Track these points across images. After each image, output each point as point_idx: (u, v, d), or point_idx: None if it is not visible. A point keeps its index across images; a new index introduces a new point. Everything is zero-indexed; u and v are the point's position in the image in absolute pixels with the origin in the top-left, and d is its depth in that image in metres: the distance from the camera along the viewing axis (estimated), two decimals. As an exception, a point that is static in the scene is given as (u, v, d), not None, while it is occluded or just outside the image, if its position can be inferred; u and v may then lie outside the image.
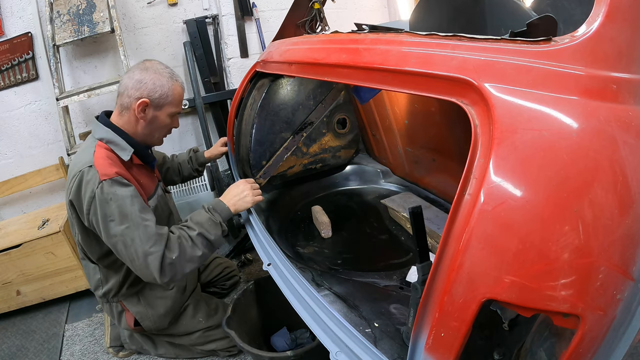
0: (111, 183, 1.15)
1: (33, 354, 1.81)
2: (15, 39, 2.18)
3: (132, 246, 1.13)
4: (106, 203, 1.14)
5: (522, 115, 0.60)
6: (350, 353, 0.85)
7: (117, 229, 1.14)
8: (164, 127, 1.35)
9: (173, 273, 1.17)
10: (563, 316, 0.55)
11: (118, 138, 1.26)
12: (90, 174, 1.16)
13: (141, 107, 1.25)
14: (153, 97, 1.25)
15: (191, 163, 1.75)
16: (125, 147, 1.27)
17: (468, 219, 0.57)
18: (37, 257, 1.97)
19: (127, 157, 1.26)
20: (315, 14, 1.70)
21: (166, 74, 1.28)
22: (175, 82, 1.30)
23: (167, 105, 1.29)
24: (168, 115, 1.31)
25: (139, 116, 1.26)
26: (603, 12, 0.63)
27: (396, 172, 1.95)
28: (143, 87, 1.24)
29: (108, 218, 1.15)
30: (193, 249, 1.20)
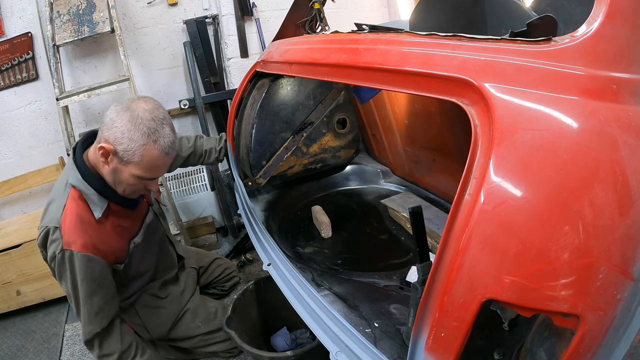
0: (70, 256, 1.12)
1: (33, 354, 1.81)
2: (15, 39, 2.18)
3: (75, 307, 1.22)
4: (63, 270, 1.15)
5: (522, 115, 0.60)
6: (350, 353, 0.85)
7: (67, 290, 1.19)
8: (130, 186, 1.15)
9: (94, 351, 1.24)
10: (563, 316, 0.55)
11: (91, 191, 1.14)
12: (55, 235, 1.12)
13: (102, 152, 1.08)
14: (118, 148, 1.06)
15: (219, 153, 1.66)
16: (97, 202, 1.16)
17: (468, 219, 0.58)
18: (37, 257, 1.96)
19: (98, 214, 1.16)
20: (315, 14, 1.70)
21: (145, 128, 1.05)
22: (151, 143, 1.07)
23: (132, 164, 1.09)
24: (131, 175, 1.11)
25: (102, 160, 1.11)
26: (603, 12, 0.63)
27: (396, 172, 1.95)
28: (113, 129, 1.06)
29: (62, 279, 1.18)
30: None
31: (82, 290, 1.17)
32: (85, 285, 1.16)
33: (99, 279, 1.19)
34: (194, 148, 1.62)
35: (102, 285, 1.20)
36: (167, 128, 1.11)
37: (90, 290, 1.18)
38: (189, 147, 1.61)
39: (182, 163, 1.62)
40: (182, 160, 1.62)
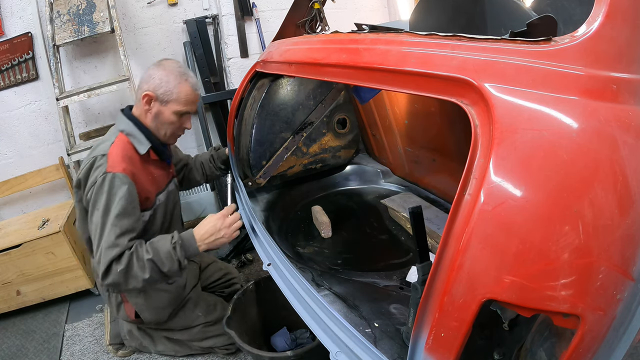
0: (112, 177, 1.22)
1: (33, 354, 1.81)
2: (15, 39, 2.18)
3: (99, 240, 1.21)
4: (100, 194, 1.22)
5: (522, 115, 0.60)
6: (350, 353, 0.85)
7: (97, 218, 1.22)
8: (170, 125, 1.38)
9: (114, 282, 1.20)
10: (563, 316, 0.55)
11: (137, 131, 1.34)
12: (101, 161, 1.26)
13: (145, 100, 1.32)
14: (158, 92, 1.32)
15: (213, 162, 1.74)
16: (143, 141, 1.34)
17: (468, 219, 0.57)
18: (37, 257, 1.97)
19: (143, 150, 1.33)
20: (315, 14, 1.70)
21: (176, 72, 1.32)
22: (183, 81, 1.33)
23: (172, 102, 1.33)
24: (173, 112, 1.35)
25: (145, 108, 1.34)
26: (603, 12, 0.63)
27: (396, 172, 1.95)
28: (151, 81, 1.32)
29: (96, 206, 1.23)
30: (140, 270, 1.20)
31: (114, 211, 1.21)
32: (119, 206, 1.21)
33: (133, 203, 1.26)
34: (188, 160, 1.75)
35: (133, 211, 1.26)
36: (191, 73, 1.39)
37: (123, 210, 1.22)
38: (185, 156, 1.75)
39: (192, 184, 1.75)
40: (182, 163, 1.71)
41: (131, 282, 1.21)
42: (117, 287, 1.23)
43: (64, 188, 2.42)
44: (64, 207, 2.24)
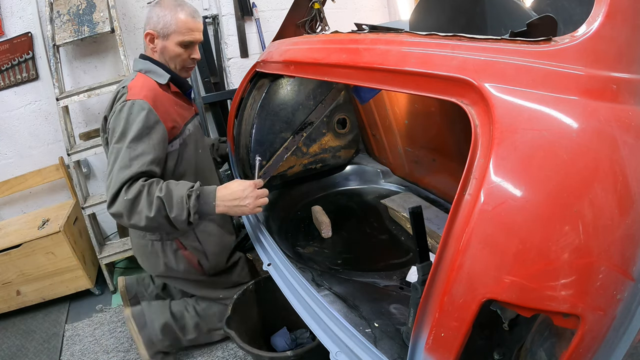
0: (132, 104, 1.24)
1: (33, 354, 1.81)
2: (15, 39, 2.18)
3: (112, 165, 1.19)
4: (118, 120, 1.23)
5: (522, 115, 0.60)
6: (350, 353, 0.85)
7: (113, 144, 1.22)
8: (178, 57, 1.39)
9: (117, 212, 1.15)
10: (563, 316, 0.55)
11: (154, 66, 1.37)
12: (123, 92, 1.30)
13: (148, 38, 1.36)
14: (157, 28, 1.34)
15: (212, 150, 1.74)
16: (161, 73, 1.37)
17: (468, 219, 0.58)
18: (37, 257, 1.97)
19: (164, 80, 1.36)
20: (315, 14, 1.70)
21: (172, 4, 1.34)
22: (180, 11, 1.34)
23: (173, 34, 1.35)
24: (176, 44, 1.36)
25: (150, 47, 1.38)
26: (603, 12, 0.63)
27: (396, 172, 1.95)
28: (149, 21, 1.35)
29: (113, 134, 1.23)
30: (146, 206, 1.13)
31: (130, 135, 1.20)
32: (136, 129, 1.20)
33: (151, 127, 1.24)
34: None
35: (151, 136, 1.23)
36: (188, 3, 1.39)
37: (140, 133, 1.20)
38: None
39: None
40: None
41: (134, 217, 1.14)
42: (119, 217, 1.16)
43: (64, 188, 2.42)
44: (64, 207, 2.24)
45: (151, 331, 1.53)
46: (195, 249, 1.46)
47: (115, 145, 1.21)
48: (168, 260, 1.45)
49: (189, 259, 1.46)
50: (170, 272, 1.48)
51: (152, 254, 1.45)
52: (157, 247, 1.44)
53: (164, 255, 1.44)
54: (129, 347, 1.74)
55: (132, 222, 1.16)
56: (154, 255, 1.45)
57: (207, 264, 1.48)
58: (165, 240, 1.43)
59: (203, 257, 1.47)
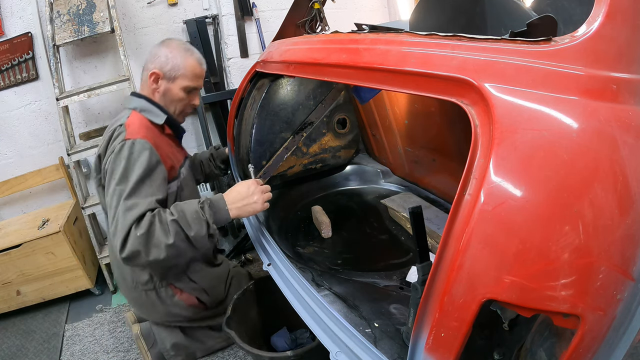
0: (132, 144, 1.18)
1: (33, 354, 1.81)
2: (15, 39, 2.18)
3: (115, 208, 1.11)
4: (119, 160, 1.17)
5: (522, 115, 0.60)
6: (350, 353, 0.85)
7: (113, 187, 1.15)
8: (180, 101, 1.38)
9: (133, 251, 1.06)
10: (563, 316, 0.55)
11: (151, 106, 1.33)
12: (120, 130, 1.24)
13: (153, 78, 1.33)
14: (164, 69, 1.32)
15: (213, 160, 1.73)
16: (158, 113, 1.34)
17: (468, 219, 0.57)
18: (37, 257, 1.97)
19: (160, 120, 1.32)
20: (315, 14, 1.70)
21: (181, 48, 1.34)
22: (189, 56, 1.34)
23: (180, 78, 1.34)
24: (181, 88, 1.35)
25: (152, 87, 1.34)
26: (603, 12, 0.63)
27: (396, 172, 1.95)
28: (157, 60, 1.32)
29: (113, 175, 1.17)
30: (163, 235, 1.07)
31: (133, 177, 1.14)
32: (139, 171, 1.15)
33: (154, 168, 1.19)
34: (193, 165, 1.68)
35: (153, 177, 1.18)
36: (195, 49, 1.40)
37: (144, 175, 1.16)
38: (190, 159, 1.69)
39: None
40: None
41: (153, 251, 1.06)
42: (136, 257, 1.07)
43: (64, 188, 2.42)
44: (64, 207, 2.24)
45: (161, 348, 1.50)
46: (192, 289, 1.42)
47: (117, 187, 1.14)
48: (167, 308, 1.41)
49: (188, 301, 1.42)
50: (173, 317, 1.45)
51: (149, 304, 1.40)
52: (153, 297, 1.38)
53: (162, 303, 1.40)
54: (128, 347, 1.74)
55: (152, 258, 1.07)
56: (151, 305, 1.40)
57: (209, 299, 1.46)
58: (159, 288, 1.38)
59: (202, 293, 1.44)
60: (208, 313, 1.51)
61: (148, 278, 1.37)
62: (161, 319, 1.46)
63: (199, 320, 1.51)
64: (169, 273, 1.38)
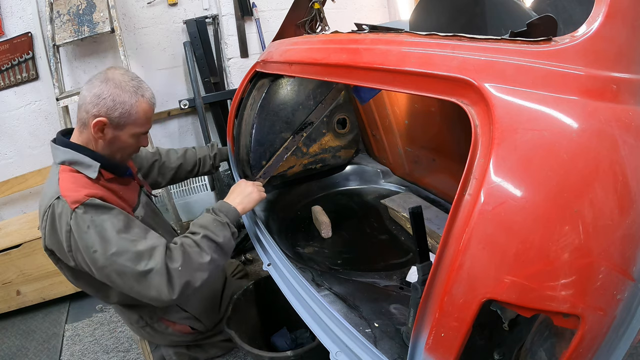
0: (84, 209, 1.02)
1: (33, 354, 1.82)
2: (15, 39, 2.18)
3: (126, 273, 1.01)
4: (84, 233, 1.01)
5: (522, 115, 0.60)
6: (350, 353, 0.85)
7: (103, 259, 1.01)
8: (128, 148, 1.19)
9: (183, 286, 1.03)
10: (563, 316, 0.55)
11: (80, 156, 1.11)
12: (59, 206, 1.03)
13: (98, 127, 1.09)
14: (112, 116, 1.09)
15: (214, 159, 1.69)
16: (90, 163, 1.11)
17: (468, 219, 0.57)
18: (37, 257, 1.97)
19: (94, 174, 1.10)
20: (315, 14, 1.70)
21: (130, 88, 1.11)
22: (140, 98, 1.13)
23: (130, 125, 1.13)
24: (131, 135, 1.16)
25: (97, 136, 1.12)
26: (603, 12, 0.63)
27: (396, 172, 1.95)
28: (101, 103, 1.08)
29: (91, 250, 1.01)
30: (200, 255, 1.07)
31: (113, 235, 1.01)
32: (115, 225, 1.02)
33: (124, 214, 1.07)
34: (184, 159, 1.65)
35: (131, 219, 1.08)
36: (144, 83, 1.18)
37: (123, 225, 1.04)
38: (178, 158, 1.64)
39: (172, 175, 1.64)
40: (172, 171, 1.64)
41: (198, 276, 1.05)
42: (187, 289, 1.04)
43: (64, 188, 2.42)
44: (64, 207, 2.24)
45: (165, 353, 1.51)
46: (184, 319, 1.39)
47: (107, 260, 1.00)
48: (165, 337, 1.42)
49: (183, 331, 1.42)
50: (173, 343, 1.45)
51: (147, 335, 1.42)
52: (149, 331, 1.39)
53: (159, 335, 1.41)
54: (128, 347, 1.74)
55: (199, 283, 1.07)
56: (151, 335, 1.42)
57: (202, 325, 1.43)
58: (151, 324, 1.37)
59: (195, 322, 1.42)
60: (208, 334, 1.51)
61: (138, 317, 1.35)
62: (164, 344, 1.48)
63: (200, 340, 1.51)
64: (156, 309, 1.33)
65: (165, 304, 1.05)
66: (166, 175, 1.63)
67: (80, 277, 1.20)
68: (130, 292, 1.05)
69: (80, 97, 1.13)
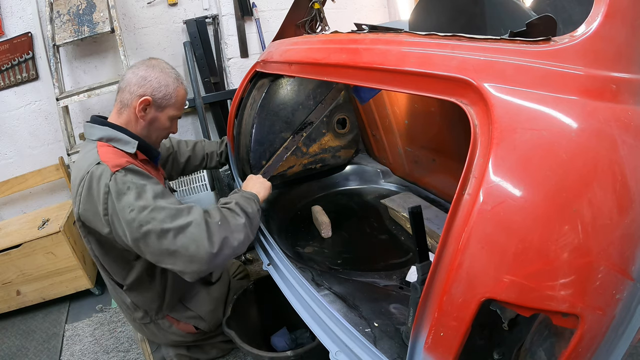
0: (125, 172, 1.06)
1: (33, 354, 1.82)
2: (15, 39, 2.18)
3: (164, 230, 1.00)
4: (123, 194, 1.03)
5: (522, 115, 0.60)
6: (350, 353, 0.85)
7: (141, 218, 1.01)
8: (163, 130, 1.29)
9: (222, 241, 1.04)
10: (562, 316, 0.55)
11: (119, 133, 1.18)
12: (99, 169, 1.06)
13: (142, 106, 1.19)
14: (156, 97, 1.20)
15: (220, 156, 1.71)
16: (128, 140, 1.18)
17: (467, 218, 0.58)
18: (37, 257, 1.97)
19: (132, 149, 1.17)
20: (315, 14, 1.70)
21: (172, 74, 1.24)
22: (180, 85, 1.26)
23: (169, 107, 1.24)
24: (168, 118, 1.26)
25: (139, 115, 1.20)
26: (602, 12, 0.63)
27: (396, 172, 1.95)
28: (147, 84, 1.18)
29: (128, 209, 1.02)
30: (235, 218, 1.11)
31: (152, 196, 1.04)
32: (155, 188, 1.06)
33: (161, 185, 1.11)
34: (193, 152, 1.67)
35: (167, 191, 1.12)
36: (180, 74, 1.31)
37: (161, 191, 1.07)
38: (188, 151, 1.66)
39: (182, 168, 1.66)
40: (182, 164, 1.66)
41: (235, 235, 1.08)
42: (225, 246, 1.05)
43: (64, 188, 2.43)
44: (64, 207, 2.24)
45: (165, 354, 1.52)
46: (189, 317, 1.40)
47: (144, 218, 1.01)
48: (168, 336, 1.42)
49: (186, 330, 1.42)
50: (175, 343, 1.45)
51: (150, 333, 1.43)
52: (152, 328, 1.40)
53: (162, 332, 1.41)
54: (128, 347, 1.74)
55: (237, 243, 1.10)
56: (154, 334, 1.42)
57: (206, 325, 1.43)
58: (155, 320, 1.38)
59: (199, 321, 1.42)
60: (211, 334, 1.51)
61: (143, 314, 1.36)
62: (165, 343, 1.48)
63: (201, 341, 1.51)
64: (162, 305, 1.35)
65: (203, 264, 1.03)
66: (177, 168, 1.67)
67: (109, 250, 1.19)
68: (164, 256, 1.03)
69: (123, 80, 1.21)
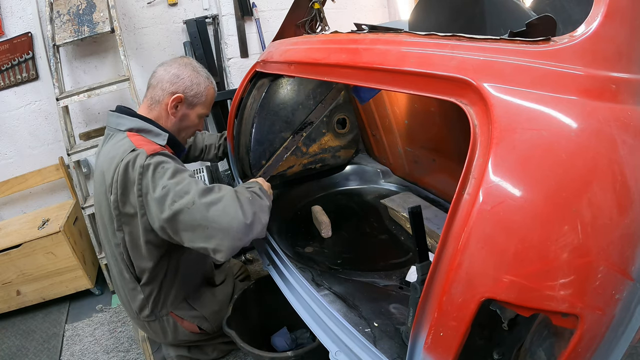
0: (160, 156, 1.10)
1: (33, 354, 1.82)
2: (15, 39, 2.18)
3: (196, 204, 1.03)
4: (157, 172, 1.07)
5: (521, 115, 0.60)
6: (350, 353, 0.85)
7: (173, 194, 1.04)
8: (192, 127, 1.33)
9: (254, 215, 1.07)
10: (562, 316, 0.55)
11: (150, 126, 1.21)
12: (134, 154, 1.09)
13: (174, 103, 1.23)
14: (188, 94, 1.24)
15: (218, 149, 1.73)
16: (159, 132, 1.21)
17: (467, 218, 0.58)
18: (37, 257, 1.98)
19: (163, 141, 1.20)
20: (315, 14, 1.70)
21: (204, 73, 1.29)
22: (210, 84, 1.30)
23: (199, 105, 1.29)
24: (198, 115, 1.30)
25: (170, 111, 1.24)
26: (602, 12, 0.63)
27: (396, 172, 1.95)
28: (180, 82, 1.23)
29: (161, 187, 1.05)
30: (262, 198, 1.16)
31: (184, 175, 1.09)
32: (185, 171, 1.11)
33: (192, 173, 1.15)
34: (194, 142, 1.70)
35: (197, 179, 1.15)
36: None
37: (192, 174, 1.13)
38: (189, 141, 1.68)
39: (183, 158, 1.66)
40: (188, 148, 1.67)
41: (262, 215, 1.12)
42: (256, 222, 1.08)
43: (64, 188, 2.43)
44: (64, 207, 2.24)
45: (165, 354, 1.52)
46: (193, 317, 1.40)
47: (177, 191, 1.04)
48: (172, 334, 1.41)
49: (190, 329, 1.42)
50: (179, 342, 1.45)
51: (154, 331, 1.42)
52: (157, 326, 1.39)
53: (167, 331, 1.40)
54: (128, 347, 1.74)
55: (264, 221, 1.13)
56: (156, 333, 1.42)
57: (210, 326, 1.43)
58: (160, 317, 1.37)
59: (203, 321, 1.42)
60: (212, 335, 1.50)
61: (149, 312, 1.35)
62: (169, 343, 1.47)
63: (202, 342, 1.51)
64: (167, 301, 1.35)
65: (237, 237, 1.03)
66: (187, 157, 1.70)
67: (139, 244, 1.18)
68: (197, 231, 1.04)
69: (155, 77, 1.25)
